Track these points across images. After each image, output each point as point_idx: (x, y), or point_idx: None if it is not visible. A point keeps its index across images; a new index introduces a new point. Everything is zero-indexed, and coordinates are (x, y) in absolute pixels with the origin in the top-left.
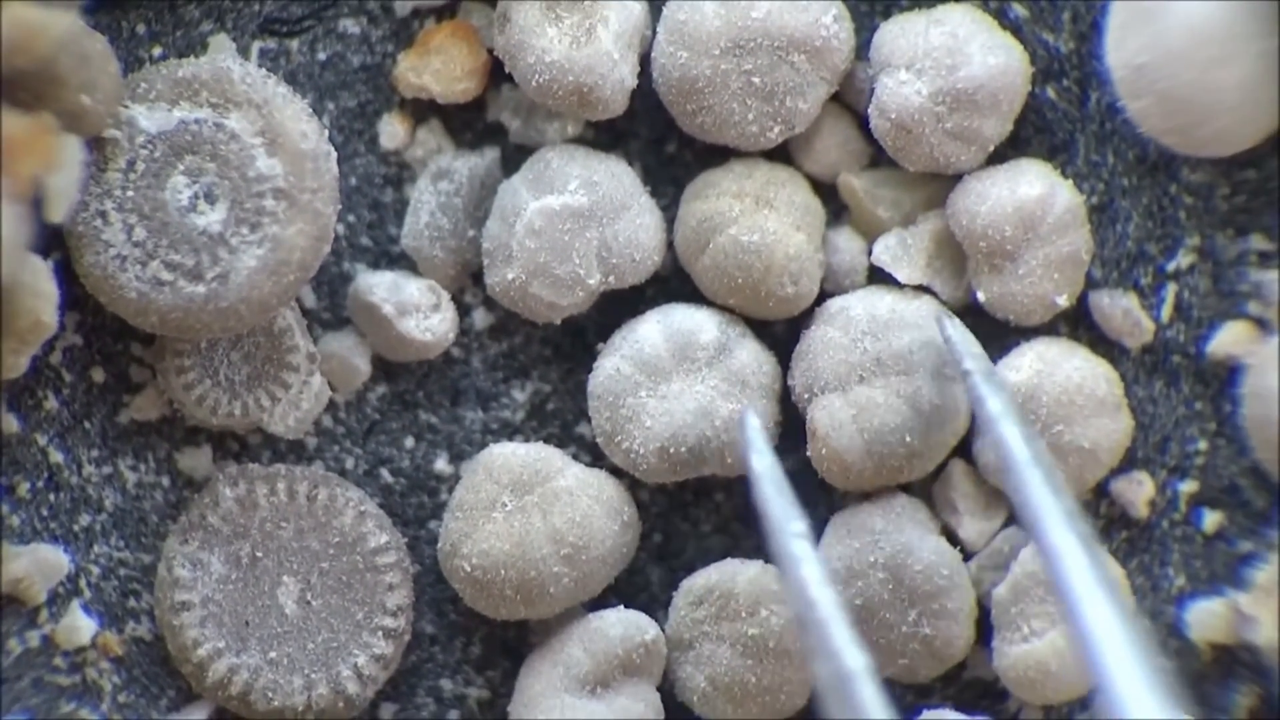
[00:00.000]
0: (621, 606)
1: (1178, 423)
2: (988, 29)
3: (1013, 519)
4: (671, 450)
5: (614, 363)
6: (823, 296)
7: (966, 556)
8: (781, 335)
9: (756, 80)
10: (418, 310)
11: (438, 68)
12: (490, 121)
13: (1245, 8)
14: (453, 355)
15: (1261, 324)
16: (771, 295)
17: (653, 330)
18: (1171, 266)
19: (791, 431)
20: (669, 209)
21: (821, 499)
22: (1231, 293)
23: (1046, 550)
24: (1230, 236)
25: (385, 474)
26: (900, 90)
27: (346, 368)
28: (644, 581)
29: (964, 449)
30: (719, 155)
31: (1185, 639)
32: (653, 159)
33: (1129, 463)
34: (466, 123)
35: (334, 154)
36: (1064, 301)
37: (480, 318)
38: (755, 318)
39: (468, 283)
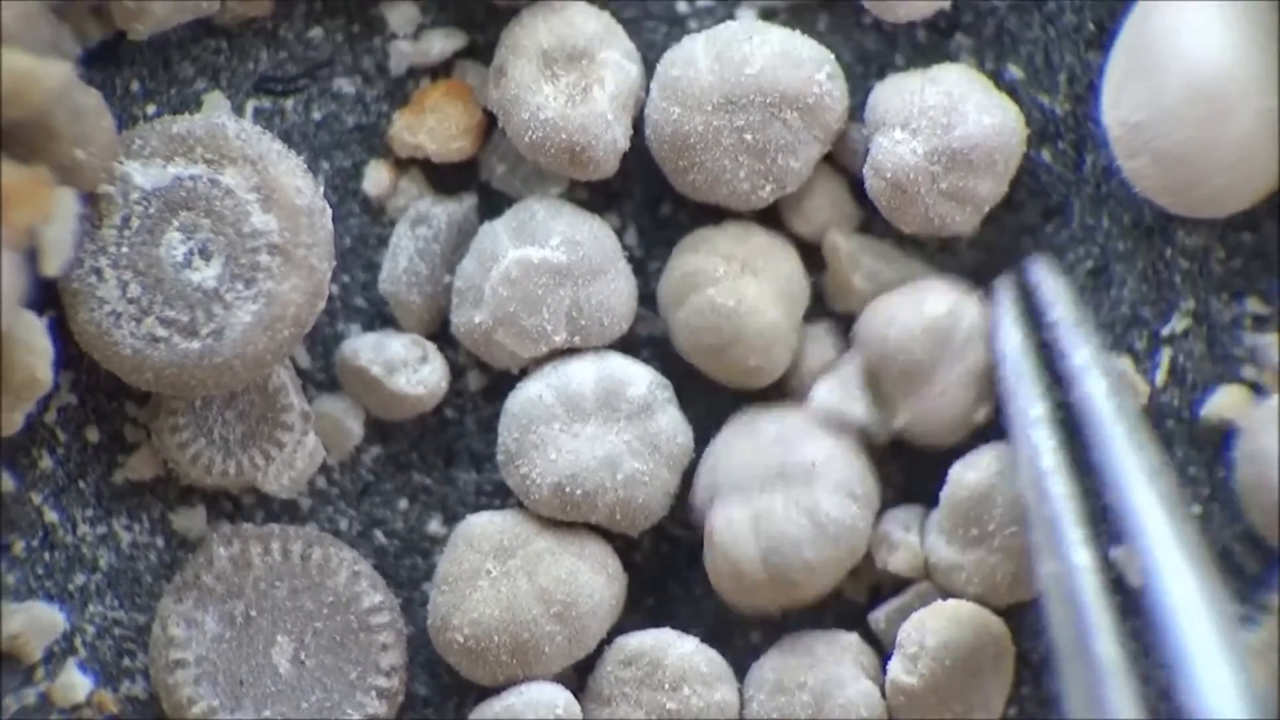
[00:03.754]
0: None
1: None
2: (983, 89)
3: None
4: (567, 489)
5: (538, 388)
6: (788, 381)
7: None
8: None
9: (749, 137)
10: (406, 365)
11: (433, 126)
12: (473, 171)
13: (1244, 64)
14: (447, 416)
15: (1256, 388)
16: (736, 363)
17: (586, 370)
18: (1167, 331)
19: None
20: (661, 271)
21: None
22: (1226, 357)
23: (1127, 508)
24: (1225, 300)
25: (379, 535)
26: (896, 149)
27: (340, 429)
28: None
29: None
30: (713, 216)
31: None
32: (647, 220)
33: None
34: (446, 172)
35: (329, 210)
36: (981, 417)
37: (474, 379)
38: (719, 382)
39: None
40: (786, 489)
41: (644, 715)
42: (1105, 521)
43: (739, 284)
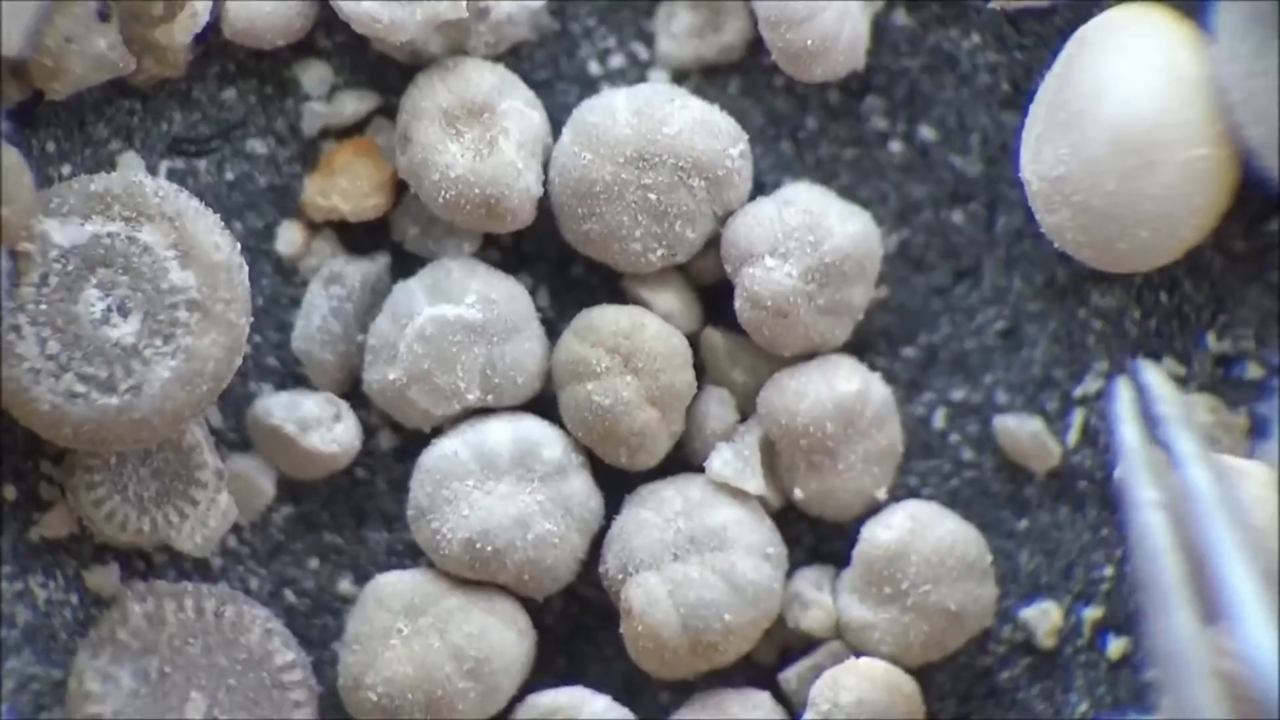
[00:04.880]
0: None
1: (1083, 549)
2: (834, 199)
3: None
4: (478, 545)
5: (454, 445)
6: (682, 456)
7: None
8: None
9: (653, 197)
10: (320, 424)
11: (345, 186)
12: (385, 231)
13: (1169, 114)
14: (358, 476)
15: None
16: (608, 454)
17: (502, 429)
18: (1079, 391)
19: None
20: None
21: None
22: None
23: (1223, 591)
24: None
25: (289, 594)
26: (771, 276)
27: (251, 488)
28: None
29: None
30: (619, 279)
31: None
32: (558, 281)
33: (1034, 590)
34: (358, 232)
35: (245, 267)
36: (882, 495)
37: (385, 439)
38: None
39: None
40: (700, 555)
41: None
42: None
43: (617, 382)
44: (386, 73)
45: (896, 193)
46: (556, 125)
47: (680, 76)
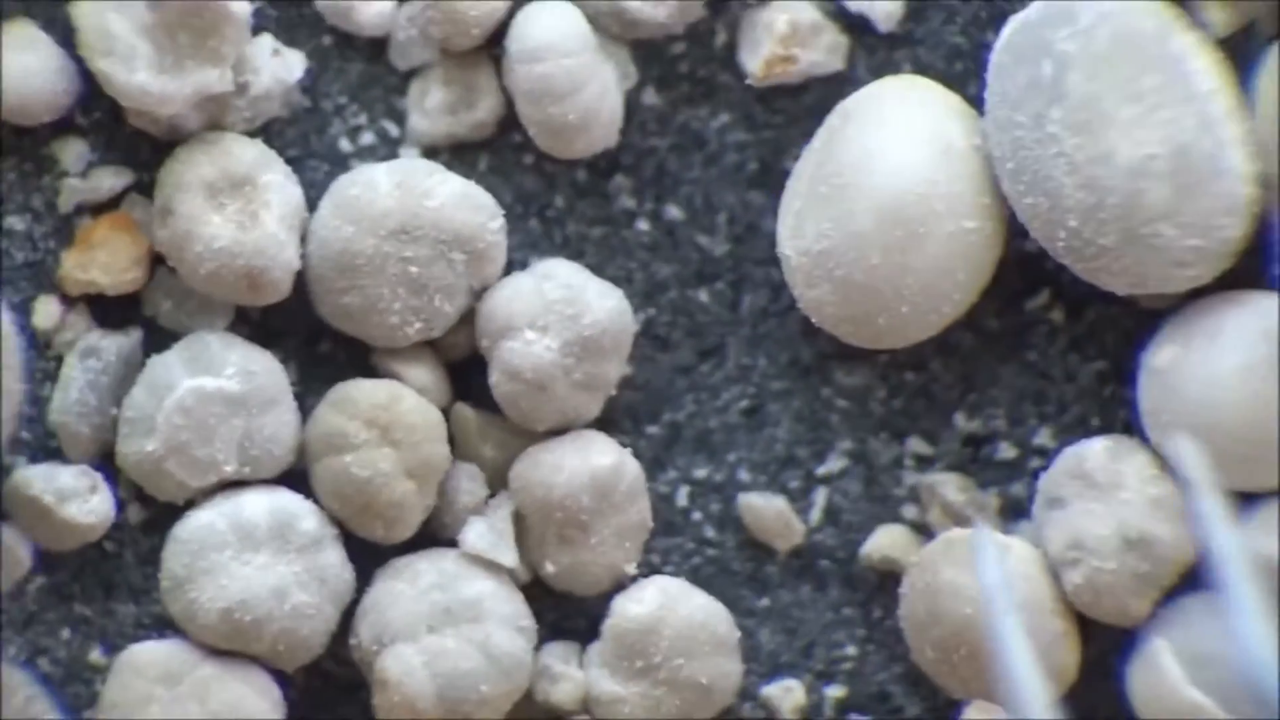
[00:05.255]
0: None
1: (825, 627)
2: (590, 275)
3: None
4: (236, 615)
5: (210, 516)
6: (429, 531)
7: None
8: None
9: (414, 270)
10: (77, 495)
11: (105, 260)
12: (136, 306)
13: (937, 185)
14: (107, 550)
15: (919, 528)
16: (366, 528)
17: (259, 501)
18: (823, 470)
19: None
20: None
21: None
22: (886, 497)
23: (1249, 685)
24: (886, 440)
25: (44, 664)
26: (530, 350)
27: (10, 558)
28: None
29: None
30: (368, 355)
31: None
32: (306, 356)
33: (775, 669)
34: (109, 307)
35: (16, 336)
36: (632, 570)
37: (134, 512)
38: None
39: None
40: (456, 627)
41: None
42: None
43: (375, 455)
44: (140, 149)
45: (643, 271)
46: (309, 202)
47: (430, 153)
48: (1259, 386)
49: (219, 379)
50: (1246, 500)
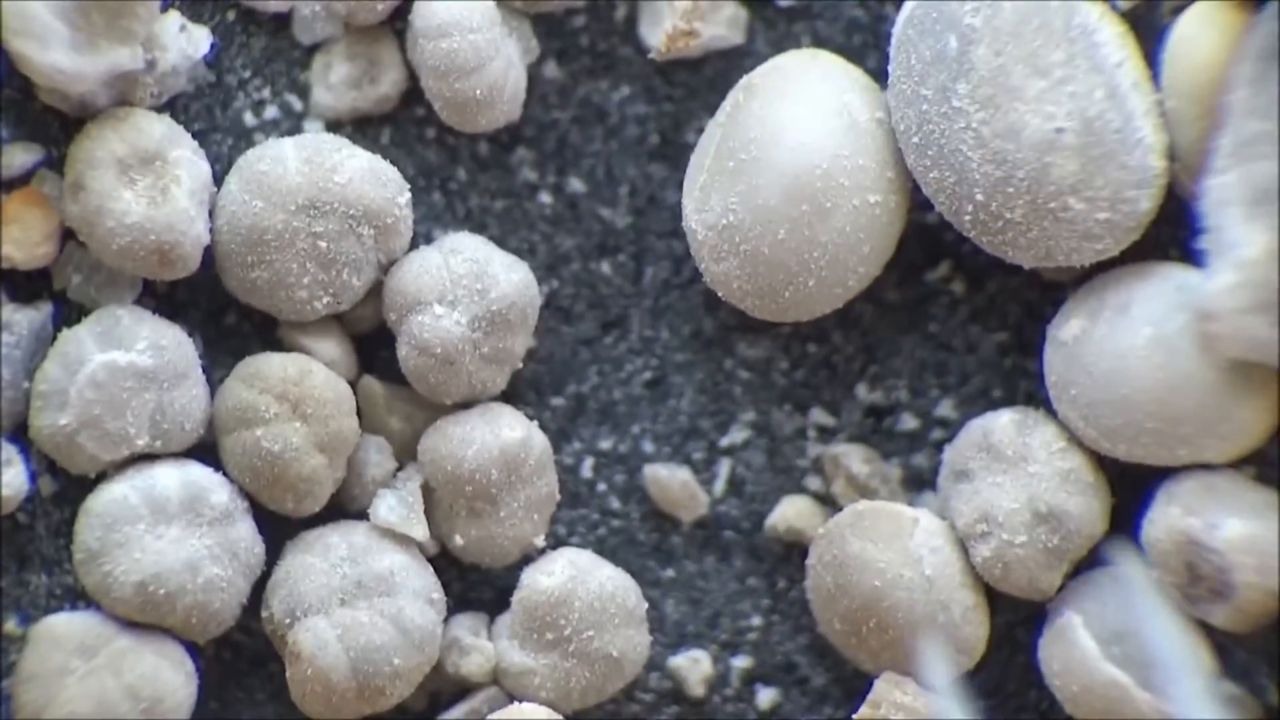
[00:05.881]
0: None
1: (730, 598)
2: (495, 249)
3: None
4: (150, 588)
5: (123, 489)
6: (338, 503)
7: None
8: None
9: (323, 245)
10: None
11: (17, 235)
12: (46, 281)
13: (844, 158)
14: (19, 521)
15: (823, 499)
16: (273, 500)
17: (171, 474)
18: (726, 442)
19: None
20: (223, 382)
21: None
22: (789, 468)
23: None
24: (789, 412)
25: None
26: (439, 324)
27: None
28: None
29: None
30: (274, 329)
31: None
32: (213, 330)
33: (681, 640)
34: (18, 282)
35: None
36: (540, 542)
37: (46, 484)
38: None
39: (29, 442)
40: (369, 600)
41: None
42: None
43: (286, 429)
44: (50, 125)
45: (546, 244)
46: (215, 176)
47: (334, 127)
48: (1170, 359)
49: (130, 353)
50: (1158, 474)
